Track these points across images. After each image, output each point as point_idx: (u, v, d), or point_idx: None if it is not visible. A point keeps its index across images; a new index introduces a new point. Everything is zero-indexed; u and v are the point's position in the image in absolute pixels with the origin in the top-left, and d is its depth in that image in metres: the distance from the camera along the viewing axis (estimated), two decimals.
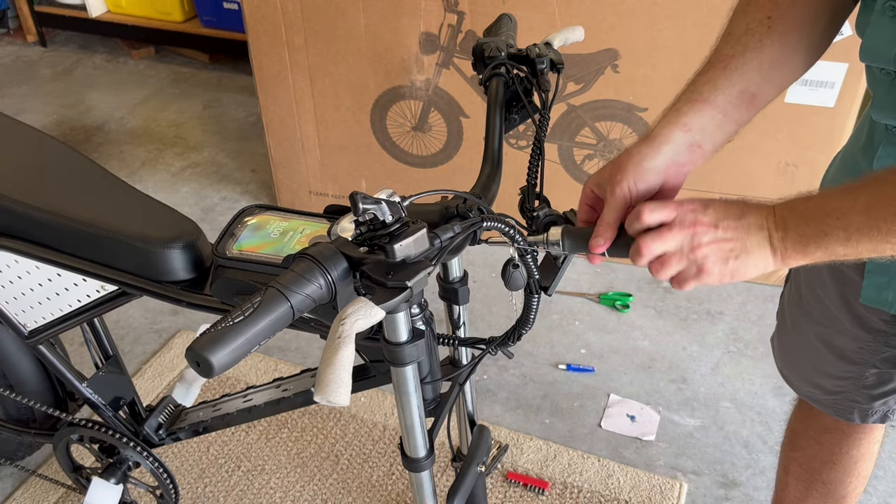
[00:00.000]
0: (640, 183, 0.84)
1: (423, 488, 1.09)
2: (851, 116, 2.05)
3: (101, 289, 1.21)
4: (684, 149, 0.85)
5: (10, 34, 4.27)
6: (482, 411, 2.02)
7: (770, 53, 0.88)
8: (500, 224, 0.83)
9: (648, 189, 0.85)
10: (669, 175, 0.86)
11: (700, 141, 0.86)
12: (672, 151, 0.85)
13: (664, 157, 0.85)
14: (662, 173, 0.85)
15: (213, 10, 3.59)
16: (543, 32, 2.10)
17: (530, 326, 0.95)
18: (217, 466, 1.87)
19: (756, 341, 2.21)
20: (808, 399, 1.25)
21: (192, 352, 0.66)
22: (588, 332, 2.26)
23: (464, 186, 0.93)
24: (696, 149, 0.86)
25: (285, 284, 0.71)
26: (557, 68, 1.04)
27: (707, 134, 0.86)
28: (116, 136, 3.35)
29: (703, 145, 0.86)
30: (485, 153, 1.01)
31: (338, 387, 0.68)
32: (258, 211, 1.09)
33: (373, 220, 0.76)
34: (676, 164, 0.86)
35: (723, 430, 1.96)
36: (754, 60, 0.88)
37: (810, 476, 1.35)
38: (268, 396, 1.30)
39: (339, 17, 2.29)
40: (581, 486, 1.81)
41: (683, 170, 0.87)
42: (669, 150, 0.85)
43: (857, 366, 1.10)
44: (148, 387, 2.09)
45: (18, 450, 1.78)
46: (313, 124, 2.54)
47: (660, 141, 0.85)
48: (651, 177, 0.85)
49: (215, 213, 2.82)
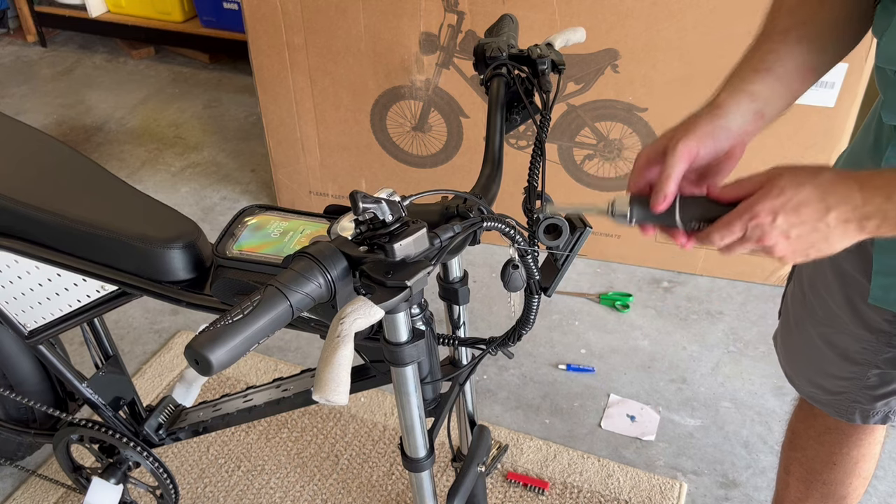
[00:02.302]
0: (706, 144, 0.83)
1: (423, 488, 1.09)
2: (851, 116, 2.05)
3: (101, 289, 1.21)
4: (750, 117, 0.85)
5: (10, 34, 4.28)
6: (482, 411, 2.02)
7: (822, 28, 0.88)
8: (500, 224, 0.83)
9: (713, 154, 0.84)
10: (736, 142, 0.85)
11: (764, 109, 0.85)
12: (740, 119, 0.84)
13: (735, 122, 0.84)
14: (728, 141, 0.84)
15: (213, 10, 3.59)
16: (544, 32, 2.10)
17: (530, 327, 0.95)
18: (217, 466, 1.87)
19: (756, 341, 2.21)
20: (810, 399, 1.25)
21: (191, 350, 0.66)
22: (588, 332, 2.26)
23: (464, 186, 0.93)
24: (759, 118, 0.85)
25: (285, 283, 0.71)
26: (559, 69, 1.04)
27: (770, 103, 0.86)
28: (116, 136, 3.35)
29: (766, 114, 0.86)
30: (485, 153, 1.01)
31: (336, 386, 0.68)
32: (258, 211, 1.09)
33: (373, 219, 0.76)
34: (742, 133, 0.85)
35: (723, 430, 1.96)
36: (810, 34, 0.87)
37: (811, 476, 1.34)
38: (268, 396, 1.30)
39: (339, 17, 2.29)
40: (581, 486, 1.80)
41: (747, 139, 0.86)
42: (738, 117, 0.84)
43: (860, 366, 1.10)
44: (148, 387, 2.09)
45: (18, 450, 1.78)
46: (313, 124, 2.54)
47: (727, 108, 0.84)
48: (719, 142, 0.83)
49: (215, 213, 2.82)
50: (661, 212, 0.81)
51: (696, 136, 0.83)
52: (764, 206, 0.76)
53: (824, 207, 0.75)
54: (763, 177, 0.78)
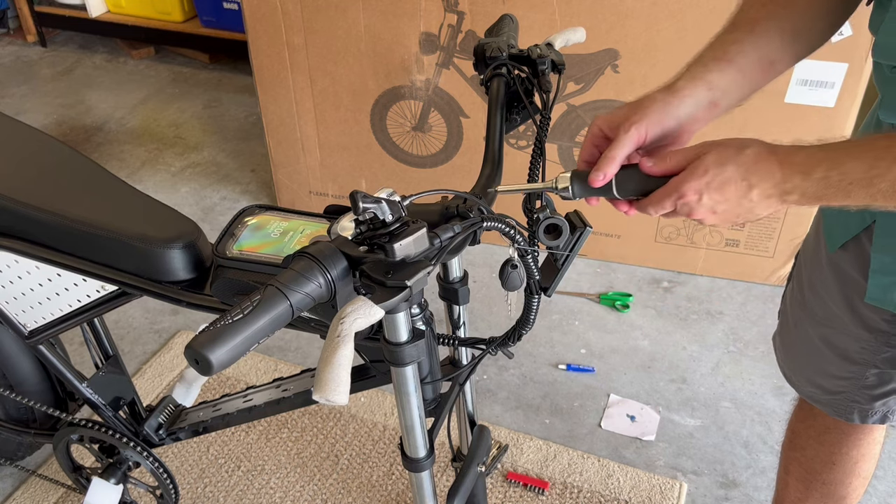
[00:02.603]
0: (655, 128, 0.86)
1: (423, 488, 1.09)
2: (851, 116, 2.05)
3: (101, 289, 1.21)
4: (704, 105, 0.87)
5: (10, 34, 4.28)
6: (482, 411, 2.02)
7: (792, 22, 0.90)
8: (499, 224, 0.83)
9: (662, 136, 0.87)
10: (683, 129, 0.88)
11: (719, 100, 0.88)
12: (694, 105, 0.87)
13: (686, 109, 0.87)
14: (679, 125, 0.87)
15: (213, 10, 3.59)
16: (544, 32, 2.10)
17: (530, 327, 0.95)
18: (217, 466, 1.87)
19: (756, 341, 2.21)
20: (809, 399, 1.25)
21: (191, 349, 0.66)
22: (588, 332, 2.26)
23: (464, 186, 0.93)
24: (713, 107, 0.88)
25: (285, 283, 0.71)
26: (559, 69, 1.04)
27: (727, 94, 0.88)
28: (116, 136, 3.35)
29: (720, 104, 0.88)
30: (485, 153, 1.01)
31: (336, 385, 0.68)
32: (258, 211, 1.09)
33: (373, 219, 0.76)
34: (693, 119, 0.88)
35: (723, 430, 1.96)
36: (777, 28, 0.89)
37: (811, 476, 1.35)
38: (268, 396, 1.30)
39: (339, 17, 2.29)
40: (581, 486, 1.80)
41: (696, 126, 0.89)
42: (691, 104, 0.87)
43: (858, 366, 1.10)
44: (148, 387, 2.09)
45: (18, 450, 1.78)
46: (313, 124, 2.54)
47: (683, 93, 0.87)
48: (669, 125, 0.86)
49: (215, 213, 2.82)
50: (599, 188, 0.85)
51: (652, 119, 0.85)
52: (690, 186, 0.79)
53: (746, 185, 0.78)
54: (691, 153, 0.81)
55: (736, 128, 2.09)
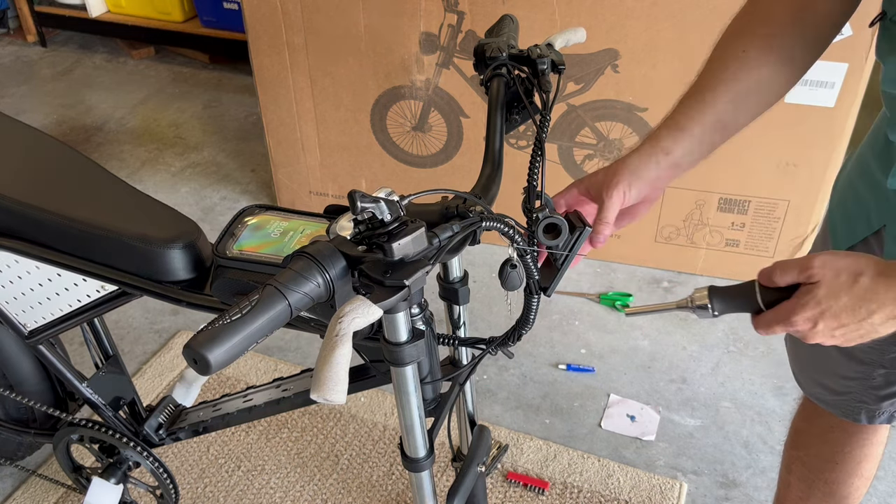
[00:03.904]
0: (632, 189, 0.93)
1: (423, 488, 1.09)
2: (851, 116, 2.05)
3: (101, 289, 1.21)
4: (665, 168, 0.95)
5: (10, 34, 4.28)
6: (482, 411, 2.02)
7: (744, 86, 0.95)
8: (499, 224, 0.83)
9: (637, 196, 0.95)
10: (652, 189, 0.96)
11: (678, 162, 0.95)
12: (656, 168, 0.95)
13: (651, 171, 0.94)
14: (650, 185, 0.95)
15: (213, 11, 3.59)
16: (544, 32, 2.10)
17: (530, 326, 0.95)
18: (217, 466, 1.87)
19: (756, 341, 2.21)
20: (815, 399, 1.25)
21: (190, 349, 0.66)
22: (588, 332, 2.26)
23: (464, 186, 0.93)
24: (673, 168, 0.95)
25: (283, 282, 0.71)
26: (559, 69, 1.04)
27: (685, 156, 0.95)
28: (116, 136, 3.35)
29: (681, 166, 0.96)
30: (485, 153, 1.01)
31: (335, 385, 0.68)
32: (258, 211, 1.09)
33: (371, 218, 0.76)
34: (658, 179, 0.95)
35: (723, 430, 1.96)
36: (727, 93, 0.95)
37: (813, 475, 1.34)
38: (268, 396, 1.30)
39: (339, 17, 2.29)
40: (581, 486, 1.80)
41: (663, 183, 0.96)
42: (654, 167, 0.95)
43: (866, 366, 1.11)
44: (148, 387, 2.09)
45: (18, 450, 1.78)
46: (313, 124, 2.54)
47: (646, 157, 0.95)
48: (641, 185, 0.94)
49: (215, 213, 2.82)
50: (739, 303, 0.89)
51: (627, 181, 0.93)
52: (801, 317, 0.80)
53: (866, 311, 0.78)
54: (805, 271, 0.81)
55: None
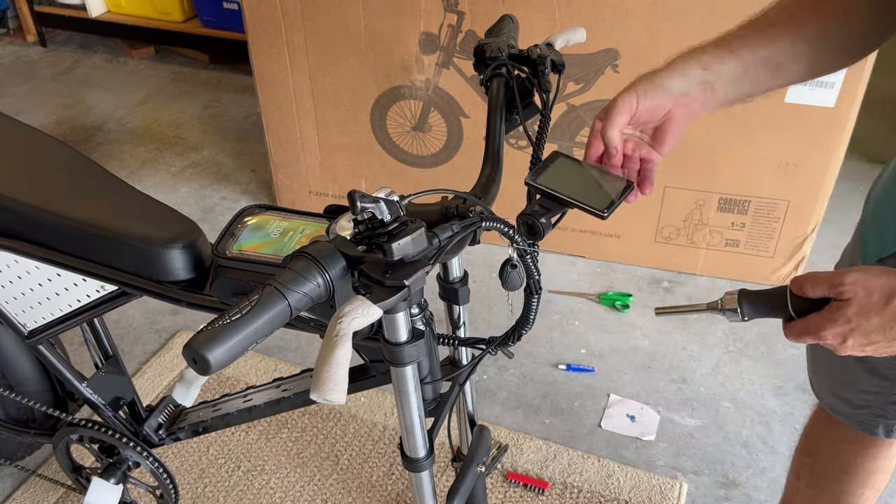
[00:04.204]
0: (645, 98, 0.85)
1: (423, 488, 1.09)
2: (851, 116, 2.05)
3: (101, 289, 1.21)
4: (696, 83, 0.86)
5: (10, 34, 4.28)
6: (482, 411, 2.02)
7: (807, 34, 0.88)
8: (498, 224, 0.83)
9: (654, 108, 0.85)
10: (677, 104, 0.86)
11: (714, 83, 0.86)
12: (685, 81, 0.86)
13: (677, 83, 0.86)
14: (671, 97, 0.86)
15: (213, 10, 3.59)
16: (544, 32, 2.10)
17: (530, 326, 0.95)
18: (217, 466, 1.87)
19: (756, 341, 2.21)
20: (831, 410, 1.22)
21: (189, 349, 0.66)
22: (588, 332, 2.26)
23: (464, 186, 0.93)
24: (707, 89, 0.86)
25: (283, 283, 0.71)
26: (559, 69, 1.04)
27: (723, 80, 0.87)
28: (116, 136, 3.35)
29: (717, 89, 0.87)
30: (485, 153, 1.01)
31: (334, 385, 0.68)
32: (258, 211, 1.09)
33: (371, 218, 0.76)
34: (685, 96, 0.86)
35: (723, 430, 1.96)
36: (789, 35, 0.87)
37: (822, 483, 1.31)
38: (268, 396, 1.30)
39: (339, 17, 2.29)
40: (581, 486, 1.80)
41: (691, 106, 0.87)
42: (682, 79, 0.86)
43: (888, 381, 1.08)
44: (148, 387, 2.09)
45: (18, 450, 1.78)
46: (313, 124, 2.54)
47: (674, 67, 0.87)
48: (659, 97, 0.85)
49: (215, 213, 2.82)
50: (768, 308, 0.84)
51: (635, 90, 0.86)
52: (831, 332, 0.78)
53: None
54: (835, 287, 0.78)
55: (736, 127, 2.09)
